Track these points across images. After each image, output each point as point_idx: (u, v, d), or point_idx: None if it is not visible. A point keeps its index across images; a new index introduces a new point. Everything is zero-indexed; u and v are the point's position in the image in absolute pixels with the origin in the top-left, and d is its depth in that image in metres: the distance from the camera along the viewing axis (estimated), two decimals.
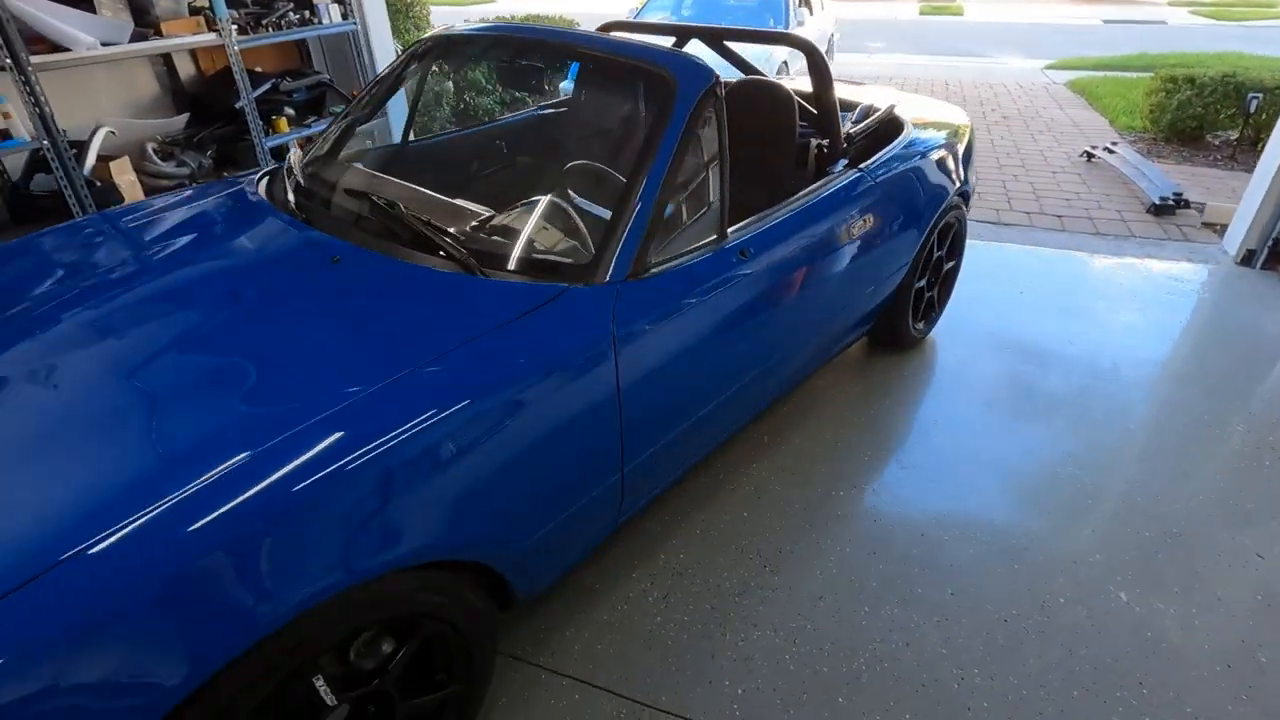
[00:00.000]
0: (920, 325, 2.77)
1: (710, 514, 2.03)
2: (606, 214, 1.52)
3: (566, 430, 1.33)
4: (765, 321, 1.80)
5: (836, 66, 8.75)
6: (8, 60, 2.71)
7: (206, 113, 3.86)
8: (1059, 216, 4.22)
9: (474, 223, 1.55)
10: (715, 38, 2.45)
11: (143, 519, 0.90)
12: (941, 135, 2.58)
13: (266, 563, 0.95)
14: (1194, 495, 2.10)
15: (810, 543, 1.93)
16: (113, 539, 0.87)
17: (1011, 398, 2.53)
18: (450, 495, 1.15)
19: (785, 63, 5.82)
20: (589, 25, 2.76)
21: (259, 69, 4.20)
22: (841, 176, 2.10)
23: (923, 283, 2.66)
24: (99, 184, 3.11)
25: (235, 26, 3.57)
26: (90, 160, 3.10)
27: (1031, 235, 3.96)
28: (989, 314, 3.08)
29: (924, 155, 2.40)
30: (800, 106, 2.24)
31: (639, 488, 1.64)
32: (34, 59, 2.79)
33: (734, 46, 2.58)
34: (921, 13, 17.65)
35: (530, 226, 1.52)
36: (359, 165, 1.83)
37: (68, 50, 2.89)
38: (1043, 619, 1.72)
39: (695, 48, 2.26)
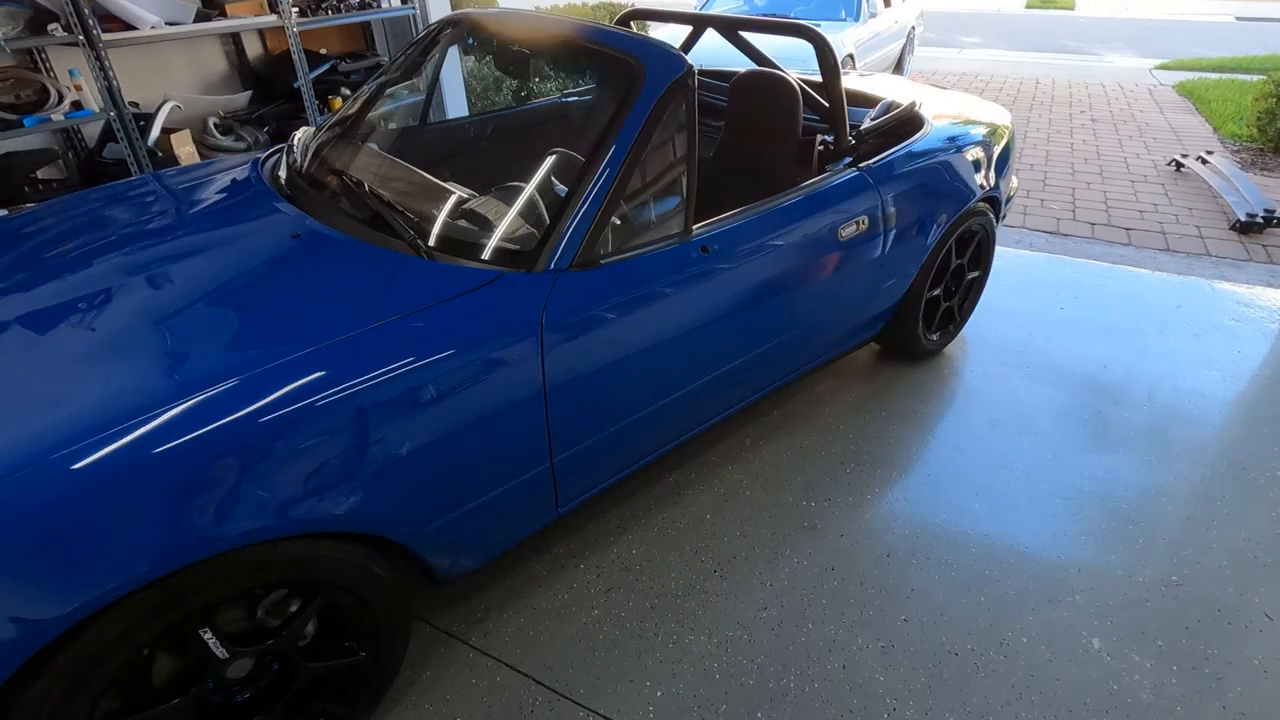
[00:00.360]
0: (935, 336, 2.63)
1: (672, 513, 2.00)
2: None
3: (484, 416, 1.34)
4: (728, 323, 1.75)
5: (916, 61, 8.39)
6: (80, 37, 2.95)
7: (269, 91, 4.08)
8: (1127, 230, 3.90)
9: (431, 206, 1.57)
10: (730, 27, 2.38)
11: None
12: (970, 135, 2.43)
13: (151, 516, 1.00)
14: (1206, 543, 1.91)
15: (768, 552, 1.88)
16: None
17: (1020, 421, 2.37)
18: (350, 468, 1.18)
19: (849, 59, 5.60)
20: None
21: (323, 50, 4.40)
22: (836, 175, 2.02)
23: (938, 292, 2.52)
24: (160, 154, 3.34)
25: (296, 9, 3.75)
26: (154, 132, 3.33)
27: (1089, 248, 3.68)
28: (1019, 330, 2.89)
29: (941, 156, 2.27)
30: (817, 102, 2.16)
31: (577, 481, 1.64)
32: (105, 36, 3.02)
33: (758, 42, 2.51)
34: (1028, 6, 16.61)
35: (484, 213, 1.54)
36: (344, 145, 1.89)
37: (136, 28, 3.11)
38: (998, 657, 1.62)
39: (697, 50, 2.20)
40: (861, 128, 2.20)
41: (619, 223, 1.57)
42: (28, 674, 0.98)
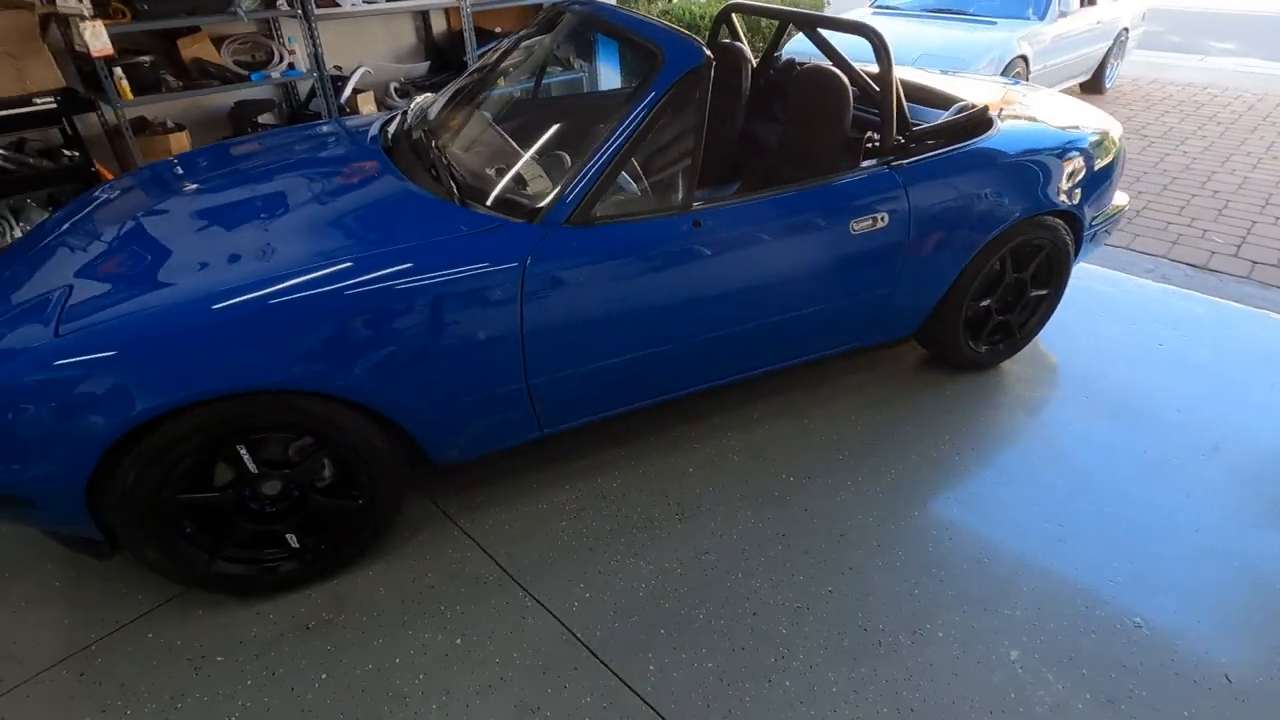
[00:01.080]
0: (983, 349, 2.57)
1: (661, 462, 2.23)
2: None
3: (469, 335, 1.67)
4: (713, 295, 1.92)
5: (1134, 68, 7.53)
6: (299, 10, 3.68)
7: (445, 63, 4.72)
8: None
9: (475, 164, 1.93)
10: (808, 24, 2.49)
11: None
12: (1045, 145, 2.34)
13: (240, 349, 1.46)
14: (1190, 590, 1.79)
15: (729, 509, 2.05)
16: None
17: (1053, 454, 2.28)
18: (363, 348, 1.56)
19: (1020, 61, 5.22)
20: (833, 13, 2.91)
21: (497, 29, 4.97)
22: (862, 171, 2.09)
23: (987, 303, 2.47)
24: (348, 110, 4.06)
25: None
26: (346, 92, 4.05)
27: (1235, 288, 3.27)
28: (1098, 359, 2.71)
29: (998, 162, 2.23)
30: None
31: (557, 410, 1.92)
32: (318, 10, 3.73)
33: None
34: None
35: (512, 171, 1.87)
36: (436, 111, 2.30)
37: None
38: (906, 642, 1.69)
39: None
40: (917, 127, 2.23)
41: (623, 194, 1.82)
42: (129, 445, 1.46)
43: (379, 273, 1.58)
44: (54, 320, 1.48)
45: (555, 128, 2.00)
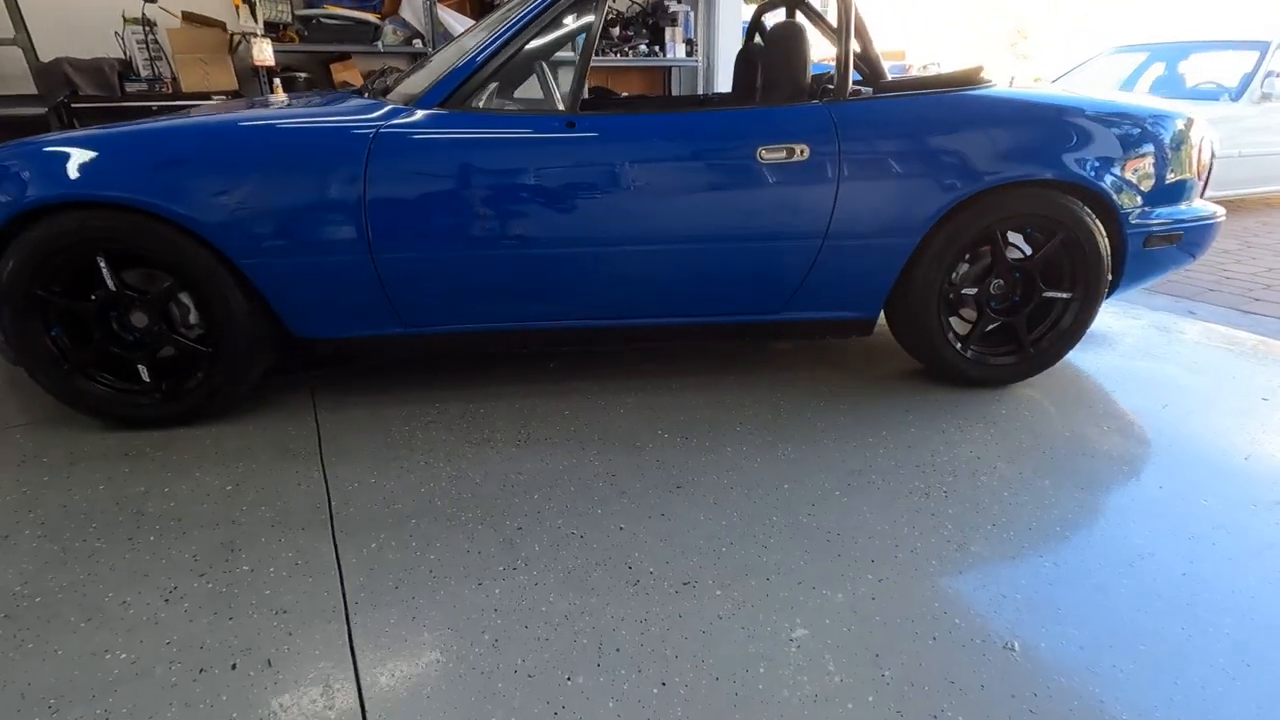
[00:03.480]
0: (988, 357, 2.08)
1: (543, 402, 2.05)
2: None
3: (314, 194, 1.72)
4: (583, 201, 1.80)
5: None
6: (431, 50, 4.32)
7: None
8: None
9: (423, 73, 2.08)
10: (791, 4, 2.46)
11: None
12: (1051, 102, 1.94)
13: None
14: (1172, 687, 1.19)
15: (578, 446, 1.81)
16: None
17: (1036, 502, 1.73)
18: (205, 181, 1.69)
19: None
20: None
21: (624, 94, 5.40)
22: (787, 105, 1.89)
23: (972, 291, 2.02)
24: None
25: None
26: None
27: None
28: (1152, 394, 2.05)
29: (979, 115, 1.88)
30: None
31: (413, 301, 1.86)
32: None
33: None
34: None
35: (424, 69, 1.99)
36: None
37: None
38: (670, 589, 1.31)
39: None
40: (887, 79, 1.99)
41: (507, 84, 1.84)
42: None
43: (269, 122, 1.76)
44: None
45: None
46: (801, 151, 1.83)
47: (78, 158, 1.67)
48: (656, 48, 5.03)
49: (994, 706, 1.07)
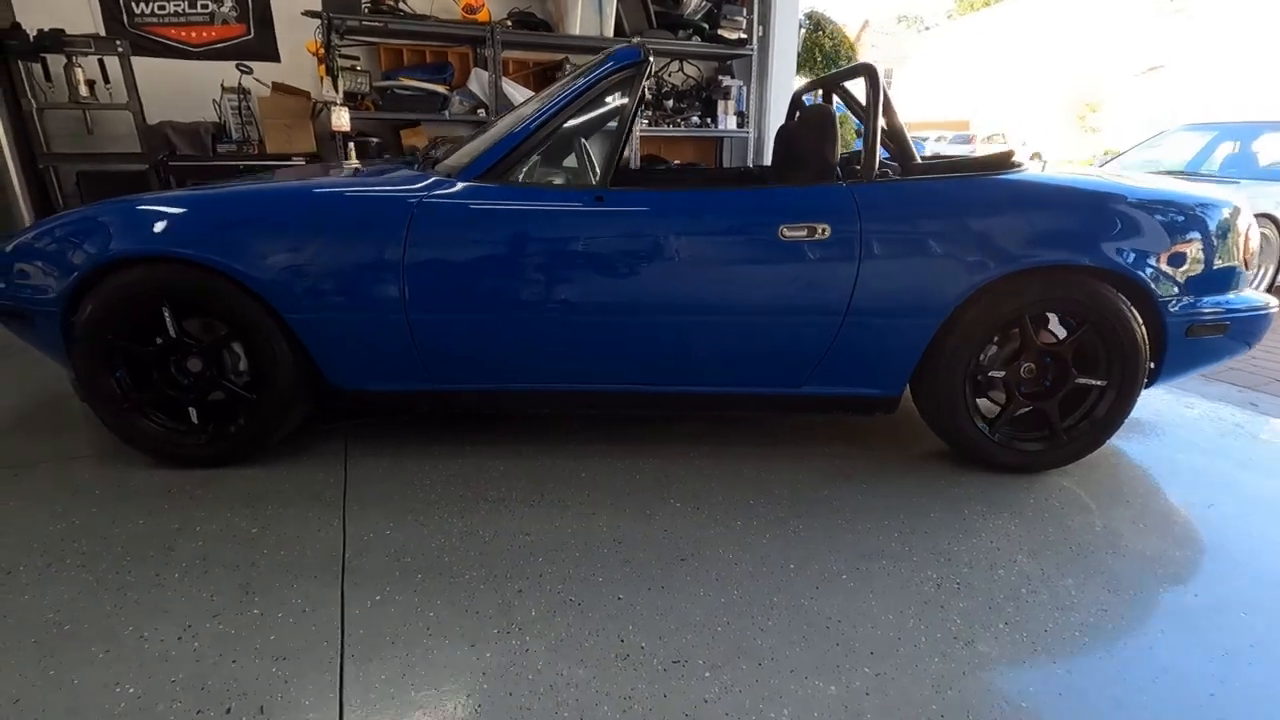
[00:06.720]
0: (998, 436, 2.02)
1: (557, 462, 2.09)
2: None
3: (363, 254, 1.85)
4: (604, 275, 1.87)
5: None
6: (493, 118, 4.59)
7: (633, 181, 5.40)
8: None
9: (472, 146, 2.23)
10: (822, 85, 2.54)
11: None
12: (1082, 187, 1.93)
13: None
14: None
15: (590, 510, 1.83)
16: None
17: (1032, 600, 1.66)
18: (263, 244, 1.84)
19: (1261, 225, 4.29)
20: None
21: (675, 161, 5.58)
22: (811, 186, 1.94)
23: (1000, 375, 1.97)
24: None
25: (646, 120, 4.96)
26: None
27: None
28: (1199, 492, 1.94)
29: (1003, 199, 1.88)
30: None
31: (442, 357, 1.95)
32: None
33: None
34: None
35: (471, 144, 2.14)
36: None
37: None
38: (660, 667, 1.30)
39: None
40: (916, 160, 2.03)
41: (545, 161, 1.97)
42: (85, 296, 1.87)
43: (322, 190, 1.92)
44: None
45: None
46: (823, 231, 1.86)
47: (156, 217, 1.84)
48: (709, 119, 5.21)
49: None
